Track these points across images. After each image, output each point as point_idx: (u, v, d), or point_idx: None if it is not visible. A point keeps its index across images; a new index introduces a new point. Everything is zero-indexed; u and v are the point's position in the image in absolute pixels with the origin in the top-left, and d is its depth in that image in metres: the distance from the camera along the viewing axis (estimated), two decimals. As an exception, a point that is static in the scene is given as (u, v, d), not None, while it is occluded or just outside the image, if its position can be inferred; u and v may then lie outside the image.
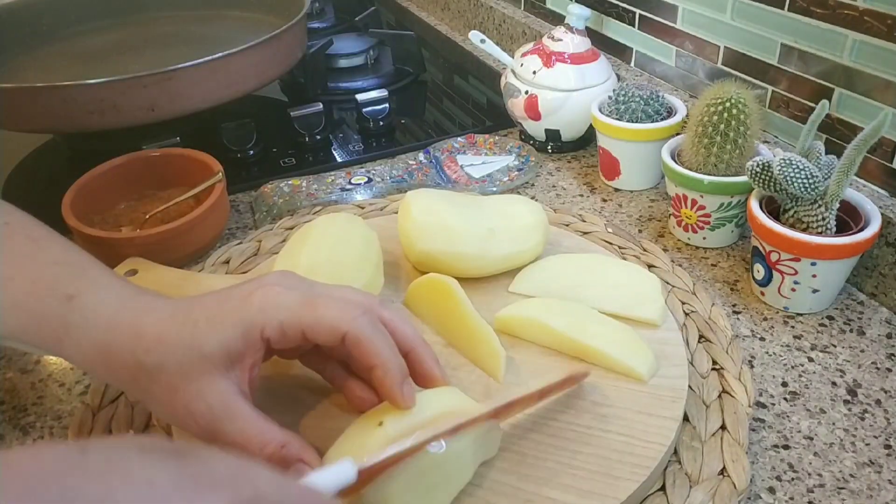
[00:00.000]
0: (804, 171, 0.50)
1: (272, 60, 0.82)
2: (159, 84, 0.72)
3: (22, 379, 0.52)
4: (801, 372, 0.50)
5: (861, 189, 0.58)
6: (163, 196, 0.66)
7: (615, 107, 0.69)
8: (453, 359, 0.47)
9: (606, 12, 0.85)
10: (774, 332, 0.54)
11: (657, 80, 0.80)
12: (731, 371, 0.47)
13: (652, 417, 0.43)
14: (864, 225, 0.52)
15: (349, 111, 0.91)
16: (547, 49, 0.75)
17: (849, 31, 0.57)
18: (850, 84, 0.59)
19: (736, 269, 0.60)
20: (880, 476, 0.43)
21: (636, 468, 0.39)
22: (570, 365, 0.46)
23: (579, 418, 0.43)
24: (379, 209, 0.66)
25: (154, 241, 0.59)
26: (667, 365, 0.46)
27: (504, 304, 0.52)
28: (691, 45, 0.74)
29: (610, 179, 0.72)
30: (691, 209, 0.61)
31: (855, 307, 0.56)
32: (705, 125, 0.58)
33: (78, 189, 0.62)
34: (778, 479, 0.43)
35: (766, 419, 0.47)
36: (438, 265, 0.53)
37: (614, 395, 0.44)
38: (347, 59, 1.00)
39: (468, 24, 1.12)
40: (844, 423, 0.46)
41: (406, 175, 0.73)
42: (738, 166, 0.59)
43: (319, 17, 1.19)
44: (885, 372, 0.50)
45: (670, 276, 0.56)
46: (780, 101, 0.66)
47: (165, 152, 0.68)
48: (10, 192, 0.77)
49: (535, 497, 0.38)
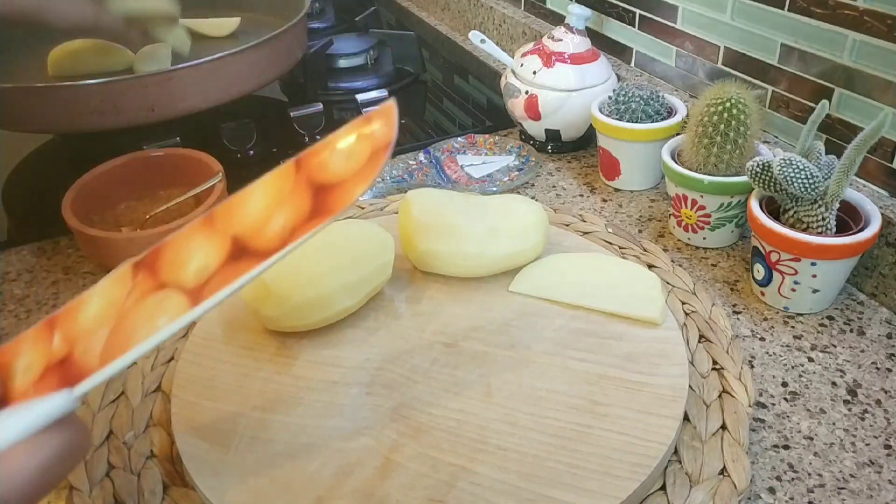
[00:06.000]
0: (804, 171, 0.50)
1: (272, 60, 0.82)
2: (159, 84, 0.72)
3: (22, 379, 0.52)
4: (801, 372, 0.50)
5: (861, 189, 0.58)
6: (163, 196, 0.66)
7: (615, 107, 0.69)
8: (454, 358, 0.47)
9: (606, 12, 0.85)
10: (774, 332, 0.54)
11: (657, 80, 0.80)
12: (731, 371, 0.47)
13: (652, 417, 0.43)
14: (864, 225, 0.52)
15: (349, 111, 0.92)
16: (547, 49, 0.75)
17: (849, 31, 0.57)
18: (850, 84, 0.59)
19: (736, 269, 0.60)
20: (880, 476, 0.43)
21: (636, 467, 0.40)
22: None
23: (579, 417, 0.43)
24: (379, 209, 0.66)
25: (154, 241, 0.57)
26: (667, 364, 0.46)
27: (504, 304, 0.52)
28: (691, 45, 0.74)
29: (610, 179, 0.72)
30: (691, 209, 0.61)
31: (855, 307, 0.56)
32: (705, 125, 0.58)
33: (78, 189, 0.62)
34: (778, 479, 0.43)
35: (766, 419, 0.47)
36: (439, 265, 0.53)
37: (614, 394, 0.44)
38: (347, 59, 1.00)
39: (468, 24, 1.12)
40: (844, 423, 0.46)
41: (406, 175, 0.73)
42: (738, 166, 0.59)
43: (319, 17, 1.19)
44: (885, 372, 0.50)
45: (670, 276, 0.56)
46: (780, 101, 0.66)
47: (165, 152, 0.68)
48: (10, 192, 0.77)
49: (535, 496, 0.38)
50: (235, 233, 0.30)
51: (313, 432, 0.42)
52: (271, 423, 0.43)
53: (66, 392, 0.27)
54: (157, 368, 0.50)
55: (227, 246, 0.29)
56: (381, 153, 0.30)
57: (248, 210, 0.30)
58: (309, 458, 0.41)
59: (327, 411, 0.44)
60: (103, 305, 0.29)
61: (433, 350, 0.48)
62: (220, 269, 0.29)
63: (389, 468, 0.40)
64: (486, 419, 0.43)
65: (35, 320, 0.57)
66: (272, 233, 0.29)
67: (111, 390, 0.48)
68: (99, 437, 0.45)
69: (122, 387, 0.48)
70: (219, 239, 0.30)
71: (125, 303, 0.29)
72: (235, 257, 0.29)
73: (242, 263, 0.29)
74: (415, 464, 0.40)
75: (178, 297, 0.29)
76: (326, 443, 0.42)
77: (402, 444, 0.42)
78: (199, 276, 0.29)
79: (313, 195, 0.30)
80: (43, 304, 0.59)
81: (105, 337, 0.28)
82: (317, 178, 0.30)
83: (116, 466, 0.43)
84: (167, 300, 0.29)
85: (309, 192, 0.30)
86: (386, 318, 0.51)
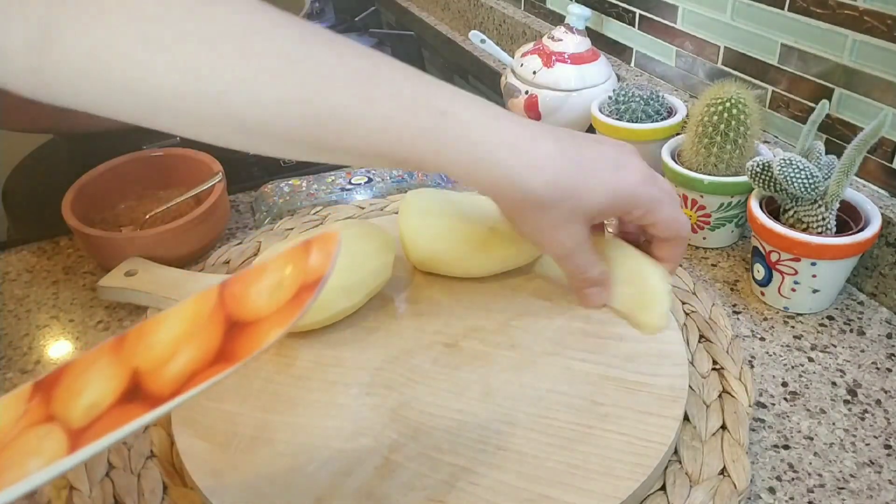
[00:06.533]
0: (804, 171, 0.50)
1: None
2: (159, 84, 0.72)
3: (22, 379, 0.52)
4: (801, 372, 0.50)
5: (861, 189, 0.58)
6: (163, 196, 0.66)
7: (615, 107, 0.69)
8: (454, 358, 0.47)
9: (606, 12, 0.85)
10: (774, 332, 0.54)
11: (657, 80, 0.80)
12: (731, 371, 0.47)
13: (652, 417, 0.43)
14: (864, 225, 0.52)
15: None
16: (547, 49, 0.75)
17: (849, 31, 0.57)
18: (850, 84, 0.59)
19: (736, 269, 0.60)
20: (880, 476, 0.43)
21: (636, 467, 0.39)
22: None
23: (579, 418, 0.43)
24: (379, 209, 0.66)
25: (154, 241, 0.59)
26: (667, 364, 0.46)
27: (504, 304, 0.52)
28: (691, 45, 0.74)
29: (610, 179, 0.72)
30: (691, 209, 0.61)
31: (855, 307, 0.56)
32: (705, 125, 0.58)
33: (78, 189, 0.62)
34: (778, 479, 0.43)
35: (766, 419, 0.47)
36: (439, 265, 0.53)
37: (614, 394, 0.44)
38: (347, 60, 1.00)
39: (468, 24, 1.12)
40: (844, 423, 0.46)
41: (406, 175, 0.73)
42: (738, 166, 0.59)
43: (319, 17, 1.19)
44: (885, 372, 0.50)
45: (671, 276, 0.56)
46: (780, 101, 0.66)
47: (165, 152, 0.68)
48: (10, 192, 0.77)
49: (535, 496, 0.38)
50: (137, 365, 0.28)
51: (313, 432, 0.42)
52: (271, 423, 0.43)
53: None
54: (157, 368, 0.50)
55: (125, 380, 0.28)
56: (310, 290, 0.28)
57: (158, 338, 0.29)
58: (309, 459, 0.41)
59: (327, 411, 0.44)
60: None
61: (433, 350, 0.48)
62: (110, 410, 0.27)
63: (389, 468, 0.40)
64: (486, 419, 0.43)
65: (35, 320, 0.57)
66: (170, 375, 0.28)
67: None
68: (99, 437, 0.45)
69: (122, 387, 0.48)
70: (120, 369, 0.28)
71: (12, 430, 0.27)
72: (128, 398, 0.28)
73: (132, 407, 0.27)
74: (415, 464, 0.40)
75: (58, 437, 0.27)
76: (326, 443, 0.42)
77: (402, 444, 0.42)
78: (88, 413, 0.27)
79: (225, 331, 0.28)
80: (43, 304, 0.59)
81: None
82: (234, 311, 0.28)
83: (116, 466, 0.43)
84: (48, 438, 0.27)
85: (222, 326, 0.28)
86: (386, 318, 0.51)
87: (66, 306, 0.59)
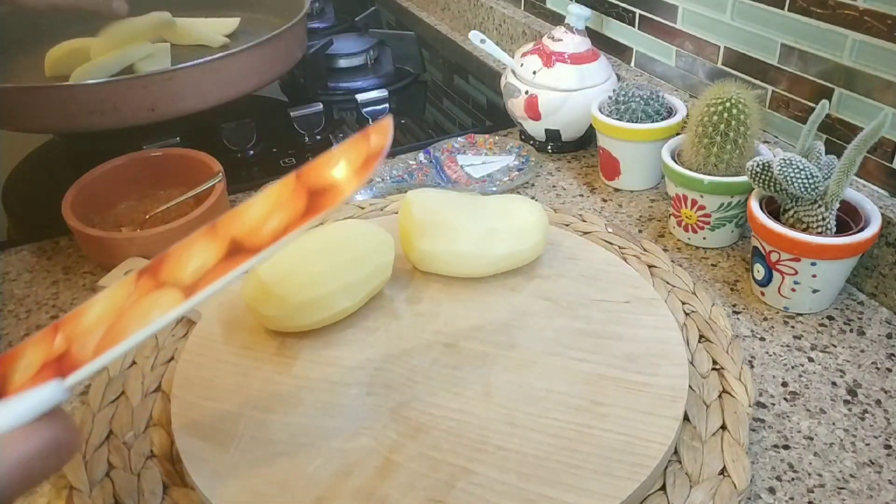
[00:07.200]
0: (804, 171, 0.50)
1: (272, 60, 0.82)
2: (159, 84, 0.72)
3: (22, 379, 0.52)
4: (801, 372, 0.50)
5: (861, 189, 0.58)
6: (163, 196, 0.66)
7: (615, 107, 0.69)
8: (454, 358, 0.47)
9: (606, 12, 0.85)
10: (774, 332, 0.54)
11: (657, 80, 0.80)
12: (731, 371, 0.47)
13: (652, 417, 0.43)
14: (864, 225, 0.52)
15: (349, 111, 0.92)
16: (547, 49, 0.75)
17: (849, 31, 0.57)
18: (850, 84, 0.59)
19: (736, 269, 0.60)
20: (880, 476, 0.43)
21: (636, 467, 0.40)
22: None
23: (579, 418, 0.43)
24: (379, 209, 0.66)
25: (154, 241, 0.59)
26: (667, 364, 0.46)
27: (504, 304, 0.52)
28: (691, 45, 0.74)
29: (610, 179, 0.72)
30: (691, 209, 0.61)
31: (855, 307, 0.56)
32: (705, 125, 0.58)
33: (78, 189, 0.62)
34: (778, 479, 0.43)
35: (766, 419, 0.47)
36: (439, 265, 0.53)
37: (614, 394, 0.44)
38: (347, 59, 1.00)
39: (468, 24, 1.12)
40: (844, 423, 0.46)
41: (406, 175, 0.73)
42: (738, 166, 0.59)
43: (319, 17, 1.19)
44: (885, 372, 0.50)
45: (670, 276, 0.56)
46: (780, 101, 0.66)
47: (165, 152, 0.68)
48: (10, 192, 0.77)
49: (535, 496, 0.38)
50: (234, 236, 0.31)
51: (313, 432, 0.42)
52: (271, 423, 0.43)
53: (55, 382, 0.28)
54: (157, 368, 0.50)
55: (224, 247, 0.31)
56: (374, 159, 0.31)
57: (249, 216, 0.31)
58: (309, 458, 0.41)
59: (327, 411, 0.44)
60: (106, 308, 0.30)
61: (433, 350, 0.48)
62: (216, 267, 0.30)
63: (389, 468, 0.40)
64: (486, 419, 0.43)
65: (35, 320, 0.57)
66: (266, 231, 0.30)
67: (111, 390, 0.48)
68: (99, 437, 0.45)
69: (122, 387, 0.48)
70: (219, 242, 0.31)
71: (125, 304, 0.30)
72: (231, 255, 0.30)
73: (236, 259, 0.30)
74: (415, 464, 0.40)
75: (173, 293, 0.30)
76: (326, 443, 0.42)
77: (402, 444, 0.42)
78: (196, 274, 0.30)
79: (308, 198, 0.31)
80: (43, 304, 0.59)
81: (101, 333, 0.29)
82: (313, 183, 0.32)
83: (116, 466, 0.43)
84: (163, 296, 0.30)
85: (305, 196, 0.31)
86: (386, 318, 0.51)
87: (66, 306, 0.59)
